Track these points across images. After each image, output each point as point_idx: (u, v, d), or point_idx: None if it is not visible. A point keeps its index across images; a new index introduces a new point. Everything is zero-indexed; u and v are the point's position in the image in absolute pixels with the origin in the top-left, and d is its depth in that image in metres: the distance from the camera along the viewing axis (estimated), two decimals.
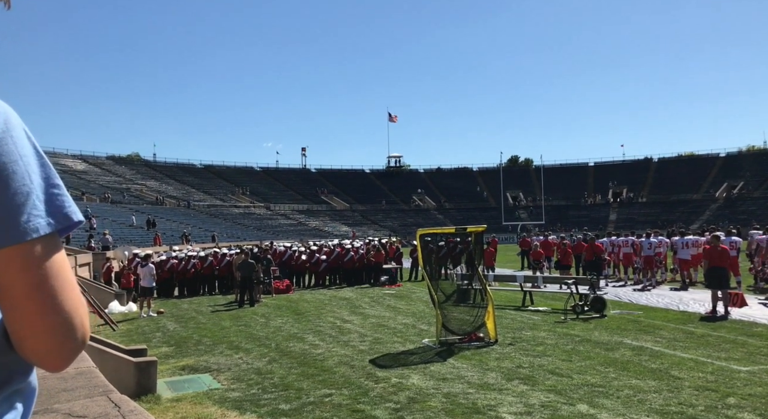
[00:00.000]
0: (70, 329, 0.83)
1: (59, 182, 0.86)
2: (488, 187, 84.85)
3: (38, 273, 0.81)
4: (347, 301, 16.72)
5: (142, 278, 15.34)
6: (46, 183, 0.84)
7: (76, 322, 0.84)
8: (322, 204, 79.85)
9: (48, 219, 0.82)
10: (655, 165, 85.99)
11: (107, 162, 71.99)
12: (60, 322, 0.82)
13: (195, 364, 9.20)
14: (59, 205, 0.85)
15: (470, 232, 11.10)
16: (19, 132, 0.84)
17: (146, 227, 44.01)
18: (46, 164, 0.86)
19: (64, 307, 0.83)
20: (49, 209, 0.83)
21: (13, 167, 0.80)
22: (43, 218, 0.82)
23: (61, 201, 0.85)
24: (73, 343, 0.84)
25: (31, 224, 0.80)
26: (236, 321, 13.58)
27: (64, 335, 0.83)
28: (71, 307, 0.84)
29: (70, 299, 0.84)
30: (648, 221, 61.42)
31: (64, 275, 0.84)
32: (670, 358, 8.32)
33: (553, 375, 7.57)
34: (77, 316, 0.85)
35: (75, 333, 0.84)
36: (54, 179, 0.86)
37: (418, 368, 8.28)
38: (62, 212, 0.85)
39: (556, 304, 13.98)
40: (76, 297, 0.86)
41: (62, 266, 0.84)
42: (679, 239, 18.16)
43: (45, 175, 0.85)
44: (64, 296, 0.83)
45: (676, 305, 13.71)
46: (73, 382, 3.60)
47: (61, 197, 0.85)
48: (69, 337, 0.84)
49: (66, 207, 0.85)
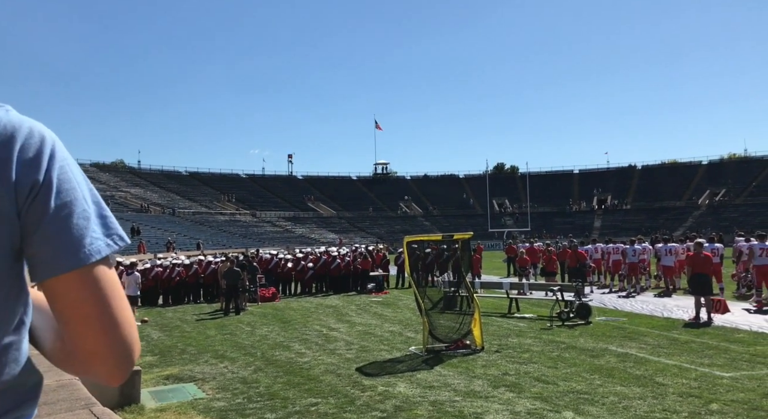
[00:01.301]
0: (130, 343, 0.90)
1: (105, 205, 0.93)
2: (474, 194, 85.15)
3: (103, 292, 0.87)
4: (334, 309, 16.66)
5: (127, 286, 15.16)
6: (98, 207, 0.91)
7: (134, 337, 0.91)
8: (308, 211, 79.60)
9: (106, 241, 0.89)
10: (639, 172, 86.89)
11: (91, 169, 71.17)
12: (122, 337, 0.89)
13: (179, 373, 9.10)
14: (112, 227, 0.91)
15: (457, 239, 11.14)
16: (72, 159, 0.91)
17: (131, 234, 43.61)
18: (94, 189, 0.93)
19: (125, 323, 0.89)
20: (105, 232, 0.90)
21: (74, 194, 0.87)
22: (102, 240, 0.88)
23: (113, 224, 0.92)
24: (132, 357, 0.91)
25: (94, 246, 0.87)
26: (221, 330, 13.47)
27: (126, 349, 0.89)
28: (129, 323, 0.91)
29: (128, 316, 0.91)
30: (632, 227, 61.95)
31: (120, 293, 0.91)
32: (654, 365, 8.39)
33: (539, 382, 7.60)
34: (134, 330, 0.92)
35: (133, 347, 0.91)
36: (102, 203, 0.93)
37: (404, 376, 8.26)
38: (117, 234, 0.92)
39: (542, 311, 14.04)
40: (131, 313, 0.93)
41: (118, 284, 0.92)
42: (663, 246, 18.35)
43: (96, 199, 0.91)
44: (123, 313, 0.90)
45: (660, 312, 13.83)
46: (54, 395, 3.54)
47: (112, 220, 0.92)
48: (130, 351, 0.90)
49: (119, 229, 0.93)
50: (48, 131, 0.89)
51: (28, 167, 0.83)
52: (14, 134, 0.84)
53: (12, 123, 0.85)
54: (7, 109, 0.87)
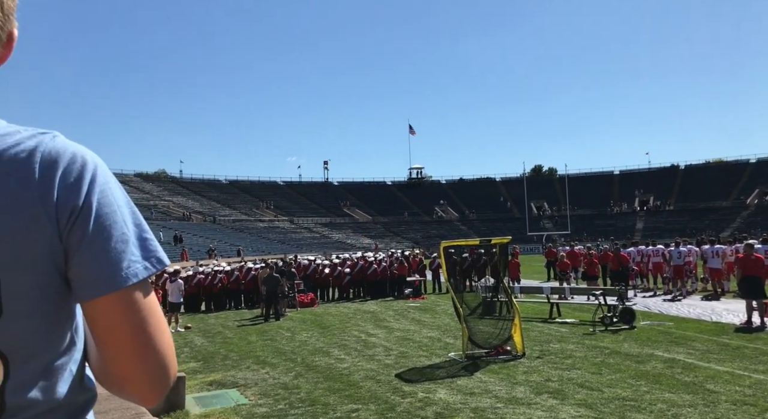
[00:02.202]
0: (167, 365, 0.90)
1: (147, 227, 0.93)
2: (512, 197, 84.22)
3: (139, 315, 0.88)
4: (372, 314, 16.69)
5: (170, 293, 15.53)
6: (138, 229, 0.91)
7: (170, 359, 0.91)
8: (344, 217, 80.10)
9: (144, 264, 0.89)
10: (682, 172, 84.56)
11: (135, 179, 73.36)
12: (159, 359, 0.89)
13: (222, 379, 9.25)
14: (152, 250, 0.91)
15: (495, 243, 11.02)
16: (114, 182, 0.92)
17: (173, 242, 44.67)
18: (136, 211, 0.93)
19: (162, 345, 0.90)
20: (144, 255, 0.90)
21: (113, 217, 0.88)
22: (140, 263, 0.88)
23: (153, 246, 0.92)
24: (169, 379, 0.91)
25: (131, 269, 0.87)
26: (262, 336, 13.64)
27: (163, 372, 0.90)
28: (167, 345, 0.91)
29: (166, 338, 0.91)
30: (676, 229, 60.25)
31: (158, 315, 0.91)
32: (704, 371, 8.10)
33: (583, 389, 7.43)
34: (171, 353, 0.92)
35: (170, 370, 0.91)
36: (144, 224, 0.93)
37: (444, 382, 8.20)
38: (156, 257, 0.91)
39: (583, 316, 13.75)
40: (168, 335, 0.93)
41: (156, 307, 0.92)
42: (710, 248, 17.76)
43: (137, 222, 0.92)
44: (160, 335, 0.90)
45: (708, 316, 13.38)
46: (106, 404, 3.65)
47: (152, 243, 0.92)
48: (166, 373, 0.90)
49: (158, 252, 0.92)
50: (92, 155, 0.90)
51: (69, 192, 0.85)
52: (57, 159, 0.86)
53: (56, 149, 0.87)
54: (54, 135, 0.89)
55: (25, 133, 0.88)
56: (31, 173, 0.84)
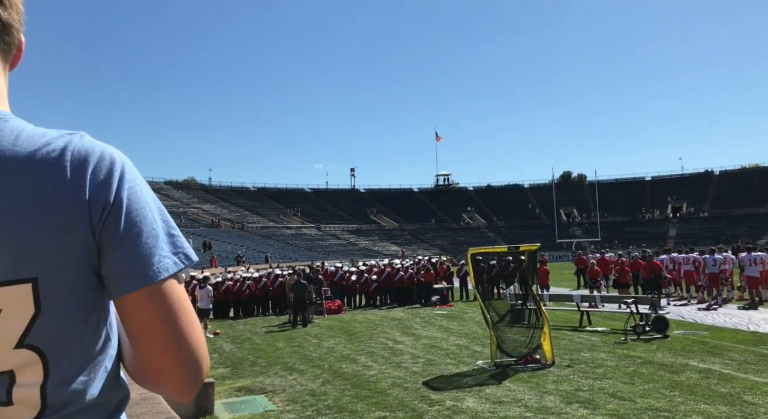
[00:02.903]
0: (200, 359, 0.92)
1: (174, 223, 0.95)
2: (540, 204, 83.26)
3: (171, 309, 0.89)
4: (399, 321, 16.64)
5: (200, 300, 15.74)
6: (166, 226, 0.93)
7: (203, 352, 0.93)
8: (371, 224, 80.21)
9: (174, 259, 0.91)
10: (717, 178, 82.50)
11: (165, 187, 74.76)
12: (192, 352, 0.90)
13: (251, 385, 9.33)
14: (180, 246, 0.93)
15: (523, 250, 10.90)
16: (142, 179, 0.94)
17: (202, 249, 45.31)
18: (162, 207, 0.95)
19: (195, 339, 0.91)
20: (173, 250, 0.92)
21: (143, 213, 0.90)
22: (170, 258, 0.90)
23: (181, 242, 0.94)
24: (202, 372, 0.92)
25: (162, 264, 0.89)
26: (290, 342, 13.72)
27: (196, 364, 0.91)
28: (199, 339, 0.92)
29: (198, 332, 0.92)
30: (710, 236, 58.71)
31: (190, 310, 0.92)
32: (741, 382, 7.86)
33: (615, 399, 7.28)
34: (203, 346, 0.93)
35: (203, 363, 0.92)
36: (171, 221, 0.95)
37: (473, 390, 8.12)
38: (184, 253, 0.93)
39: (615, 324, 13.48)
40: (200, 330, 0.94)
41: (187, 302, 0.93)
42: (747, 256, 17.27)
43: (165, 218, 0.94)
44: (193, 329, 0.91)
45: (745, 326, 12.99)
46: (137, 408, 3.71)
47: (180, 239, 0.94)
48: (200, 367, 0.92)
49: (186, 248, 0.94)
50: (119, 153, 0.92)
51: (100, 189, 0.87)
52: (87, 157, 0.88)
53: (85, 147, 0.89)
54: (82, 135, 0.92)
55: (53, 133, 0.90)
56: (63, 171, 0.86)
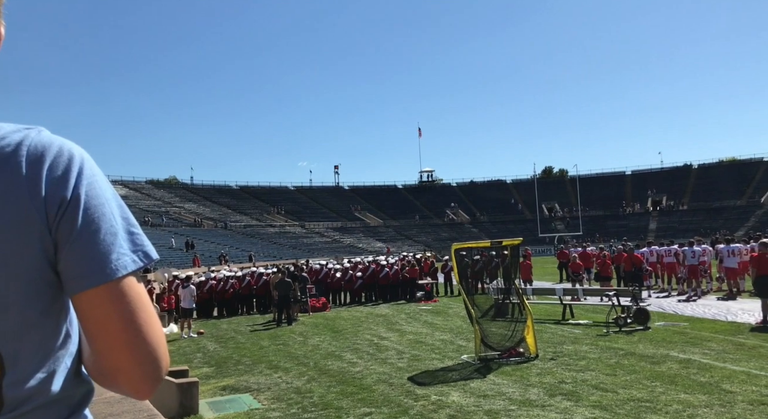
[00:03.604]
0: (158, 357, 0.90)
1: (135, 221, 0.94)
2: (523, 199, 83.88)
3: (128, 307, 0.87)
4: (384, 318, 16.67)
5: (183, 299, 15.62)
6: (126, 223, 0.92)
7: (162, 350, 0.91)
8: (355, 221, 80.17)
9: (133, 257, 0.90)
10: (696, 171, 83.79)
11: (147, 186, 73.96)
12: (150, 351, 0.89)
13: (235, 384, 9.29)
14: (140, 243, 0.92)
15: (506, 245, 10.98)
16: (102, 176, 0.92)
17: (185, 249, 44.96)
18: (123, 204, 0.94)
19: (152, 337, 0.89)
20: (133, 248, 0.90)
21: (102, 210, 0.88)
22: (129, 256, 0.89)
23: (141, 240, 0.93)
24: (161, 370, 0.91)
25: (121, 261, 0.87)
26: (274, 340, 13.68)
27: (154, 362, 0.89)
28: (157, 337, 0.90)
29: (157, 330, 0.91)
30: (690, 229, 59.62)
31: (149, 308, 0.91)
32: (720, 371, 8.01)
33: (598, 391, 7.37)
34: (162, 345, 0.91)
35: (162, 362, 0.91)
36: (131, 218, 0.93)
37: (457, 385, 8.17)
38: (143, 251, 0.92)
39: (597, 317, 13.65)
40: (159, 328, 0.92)
41: (146, 299, 0.92)
42: (725, 247, 17.59)
43: (125, 215, 0.92)
44: (151, 327, 0.90)
45: (723, 316, 13.23)
46: (118, 407, 3.67)
47: (140, 236, 0.93)
48: (158, 366, 0.90)
49: (145, 246, 0.93)
50: (78, 148, 0.91)
51: (56, 185, 0.85)
52: (44, 153, 0.86)
53: (42, 143, 0.87)
54: (40, 130, 0.90)
55: (9, 127, 0.88)
56: (18, 167, 0.84)
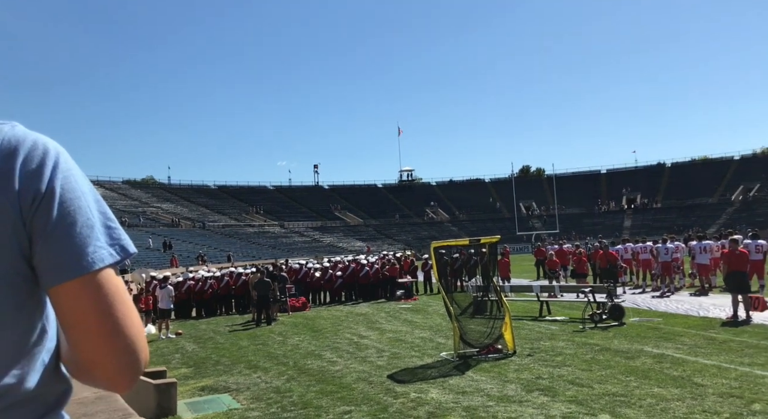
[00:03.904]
0: (136, 350, 0.90)
1: (112, 216, 0.94)
2: (501, 197, 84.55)
3: (105, 300, 0.87)
4: (364, 316, 16.70)
5: (161, 300, 15.46)
6: (103, 217, 0.92)
7: (140, 344, 0.91)
8: (335, 220, 80.00)
9: (110, 250, 0.90)
10: (669, 170, 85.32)
11: (123, 186, 72.88)
12: (128, 344, 0.89)
13: (214, 384, 9.23)
14: (117, 237, 0.92)
15: (484, 243, 11.09)
16: (78, 170, 0.92)
17: (163, 249, 44.42)
18: (100, 199, 0.94)
19: (131, 330, 0.89)
20: (110, 241, 0.90)
21: (78, 203, 0.88)
22: (106, 249, 0.89)
23: (118, 234, 0.93)
24: (139, 365, 0.91)
25: (97, 255, 0.87)
26: (254, 340, 13.61)
27: (132, 357, 0.89)
28: (136, 330, 0.90)
29: (135, 324, 0.91)
30: (663, 226, 60.72)
31: (127, 301, 0.91)
32: (692, 365, 8.20)
33: (574, 386, 7.50)
34: (141, 338, 0.91)
35: (140, 355, 0.91)
36: (109, 213, 0.93)
37: (436, 382, 8.24)
38: (120, 244, 0.92)
39: (573, 313, 13.85)
40: (138, 321, 0.93)
41: (124, 293, 0.92)
42: (697, 244, 17.96)
43: (102, 210, 0.93)
44: (129, 319, 0.90)
45: (696, 311, 13.53)
46: (93, 407, 3.64)
47: (117, 230, 0.93)
48: (136, 359, 0.90)
49: (123, 240, 0.93)
50: (53, 143, 0.90)
51: (31, 178, 0.85)
52: (17, 146, 0.86)
53: (16, 137, 0.87)
54: (14, 124, 0.90)
55: None
56: None
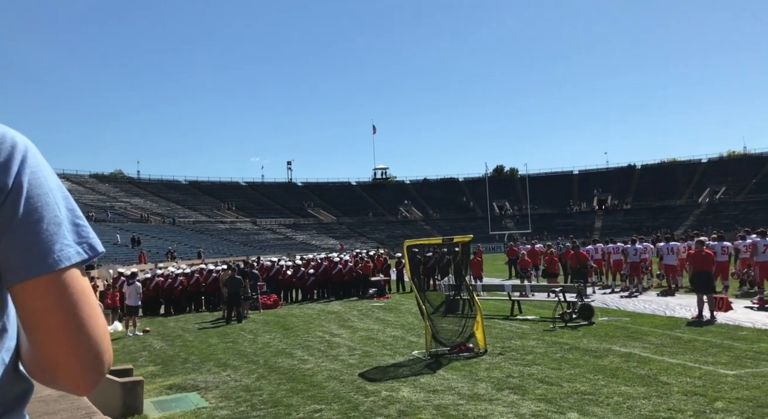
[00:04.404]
0: (100, 351, 0.87)
1: (81, 213, 0.91)
2: (474, 197, 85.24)
3: (70, 300, 0.85)
4: (336, 315, 16.64)
5: (128, 296, 15.16)
6: (71, 215, 0.89)
7: (105, 345, 0.88)
8: (308, 218, 79.62)
9: (77, 248, 0.87)
10: (639, 172, 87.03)
11: (90, 180, 71.32)
12: (92, 345, 0.86)
13: (182, 383, 9.08)
14: (85, 235, 0.90)
15: (457, 242, 11.13)
16: (47, 166, 0.90)
17: (131, 245, 43.61)
18: (69, 196, 0.91)
19: (95, 330, 0.87)
20: (77, 240, 0.88)
21: (45, 199, 0.85)
22: (73, 247, 0.87)
23: (86, 232, 0.90)
24: (103, 365, 0.88)
25: (64, 253, 0.85)
26: (224, 338, 13.44)
27: (96, 357, 0.87)
28: (100, 331, 0.88)
29: (99, 324, 0.88)
30: (633, 227, 61.96)
31: (92, 302, 0.88)
32: (658, 364, 8.36)
33: (543, 384, 7.57)
34: (105, 339, 0.89)
35: (104, 356, 0.88)
36: (77, 210, 0.91)
37: (408, 380, 8.24)
38: (88, 243, 0.90)
39: (544, 312, 14.01)
40: (103, 322, 0.90)
41: (90, 292, 0.89)
42: (665, 245, 18.34)
43: (70, 207, 0.90)
44: (93, 320, 0.87)
45: (662, 311, 13.81)
46: (55, 405, 3.53)
47: (85, 229, 0.91)
48: (100, 361, 0.88)
49: (91, 238, 0.91)
50: (21, 137, 0.88)
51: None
52: None
53: None
54: None
55: None
56: None
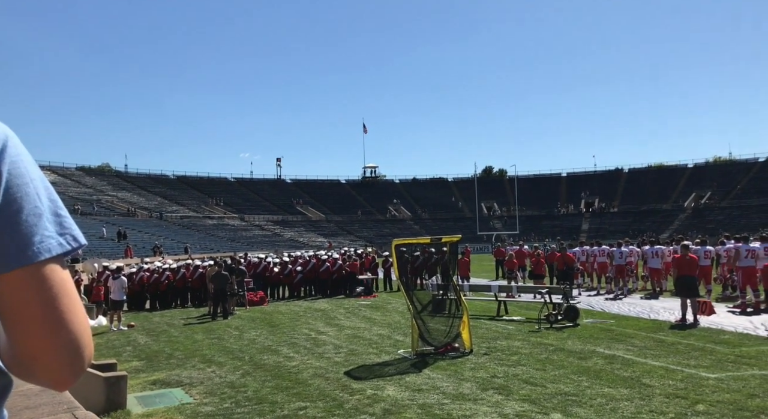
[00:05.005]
0: (80, 346, 0.86)
1: (63, 205, 0.90)
2: (463, 197, 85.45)
3: (50, 293, 0.83)
4: (322, 312, 16.61)
5: (113, 291, 15.03)
6: (53, 206, 0.88)
7: (85, 339, 0.87)
8: (297, 215, 79.39)
9: (59, 240, 0.85)
10: (626, 175, 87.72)
11: (77, 173, 70.58)
12: (72, 339, 0.84)
13: (166, 378, 9.03)
14: (67, 227, 0.88)
15: (445, 242, 11.15)
16: (28, 156, 0.88)
17: (117, 239, 43.25)
18: (50, 187, 0.89)
19: (75, 325, 0.85)
20: (59, 231, 0.86)
21: (25, 189, 0.84)
22: (54, 238, 0.85)
23: (68, 224, 0.88)
24: (83, 360, 0.87)
25: (44, 244, 0.83)
26: (209, 334, 13.38)
27: (75, 352, 0.85)
28: (81, 325, 0.86)
29: (80, 318, 0.86)
30: (619, 230, 62.51)
31: (73, 294, 0.86)
32: (641, 366, 8.44)
33: (528, 385, 7.61)
34: (86, 334, 0.87)
35: (84, 351, 0.87)
36: (58, 201, 0.89)
37: (393, 379, 8.25)
38: (70, 234, 0.88)
39: (530, 314, 14.09)
40: (84, 316, 0.88)
41: (71, 285, 0.87)
42: (650, 249, 18.51)
43: (51, 198, 0.88)
44: (74, 315, 0.85)
45: (647, 314, 13.93)
46: (36, 399, 3.49)
47: (68, 220, 0.89)
48: (79, 354, 0.86)
49: (73, 230, 0.89)
50: (2, 126, 0.87)
51: None
52: None
53: None
54: None
55: None
56: None
